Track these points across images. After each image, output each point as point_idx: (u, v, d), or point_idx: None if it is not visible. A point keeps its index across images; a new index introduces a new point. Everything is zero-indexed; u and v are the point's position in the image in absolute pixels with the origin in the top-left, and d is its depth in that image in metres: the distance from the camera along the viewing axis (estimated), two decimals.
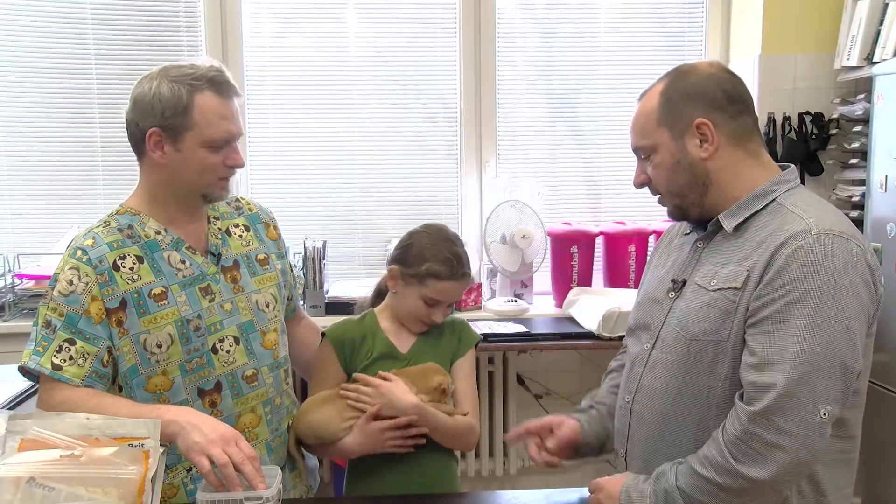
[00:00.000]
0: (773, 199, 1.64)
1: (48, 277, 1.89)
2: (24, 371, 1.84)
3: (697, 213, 1.73)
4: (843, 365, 1.50)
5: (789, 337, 1.50)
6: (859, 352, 1.54)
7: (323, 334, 2.13)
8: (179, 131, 1.84)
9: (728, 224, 1.66)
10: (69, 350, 1.80)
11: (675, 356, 1.67)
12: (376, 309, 2.16)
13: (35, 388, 1.92)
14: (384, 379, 1.98)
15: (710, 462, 1.54)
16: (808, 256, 1.51)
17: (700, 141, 1.65)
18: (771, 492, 1.54)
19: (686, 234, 1.83)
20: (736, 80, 1.70)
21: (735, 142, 1.67)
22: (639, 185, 1.78)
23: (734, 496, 1.53)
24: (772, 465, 1.49)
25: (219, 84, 1.87)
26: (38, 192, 3.84)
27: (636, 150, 1.75)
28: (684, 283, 1.72)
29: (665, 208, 1.78)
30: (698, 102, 1.65)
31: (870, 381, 3.31)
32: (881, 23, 3.40)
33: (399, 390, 1.96)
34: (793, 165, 1.73)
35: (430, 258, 2.02)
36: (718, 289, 1.62)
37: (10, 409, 2.33)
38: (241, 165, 1.94)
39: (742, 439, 1.51)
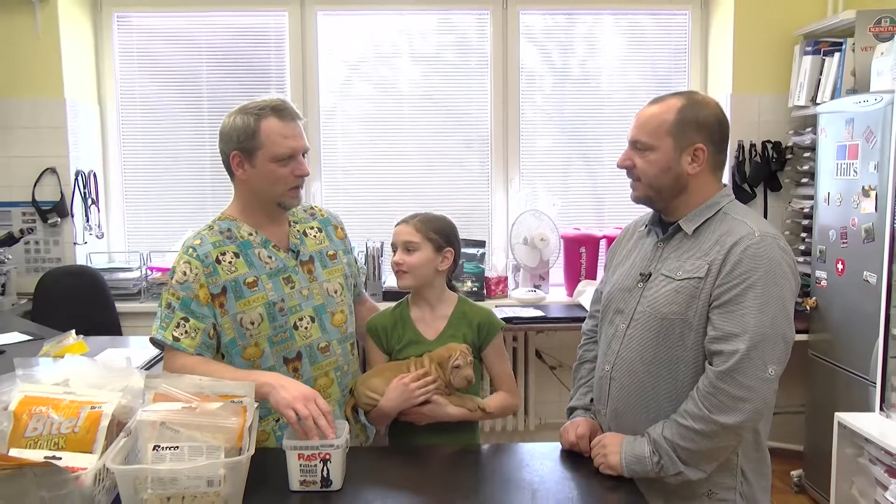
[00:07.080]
0: (720, 209, 1.71)
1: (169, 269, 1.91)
2: (153, 342, 1.88)
3: (661, 206, 1.77)
4: (783, 335, 1.59)
5: (745, 315, 1.57)
6: (792, 325, 1.62)
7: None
8: (252, 151, 1.85)
9: (688, 227, 1.71)
10: (184, 326, 1.83)
11: (648, 332, 1.70)
12: (410, 296, 2.09)
13: (161, 354, 1.98)
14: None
15: (688, 414, 1.60)
16: (756, 252, 1.60)
17: (691, 159, 1.69)
18: (734, 435, 1.61)
19: (643, 237, 1.85)
20: (727, 126, 1.74)
21: (712, 169, 1.72)
22: (624, 167, 1.76)
23: (706, 438, 1.59)
24: (738, 414, 1.56)
25: (280, 111, 1.86)
26: (163, 204, 4.04)
27: (635, 142, 1.73)
28: (650, 274, 1.75)
29: (633, 192, 1.78)
30: (702, 131, 1.68)
31: (813, 355, 3.34)
32: (821, 73, 3.46)
33: (448, 409, 1.94)
34: (728, 185, 1.77)
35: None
36: (685, 278, 1.66)
37: (146, 370, 2.41)
38: (307, 174, 1.91)
39: (712, 394, 1.57)
